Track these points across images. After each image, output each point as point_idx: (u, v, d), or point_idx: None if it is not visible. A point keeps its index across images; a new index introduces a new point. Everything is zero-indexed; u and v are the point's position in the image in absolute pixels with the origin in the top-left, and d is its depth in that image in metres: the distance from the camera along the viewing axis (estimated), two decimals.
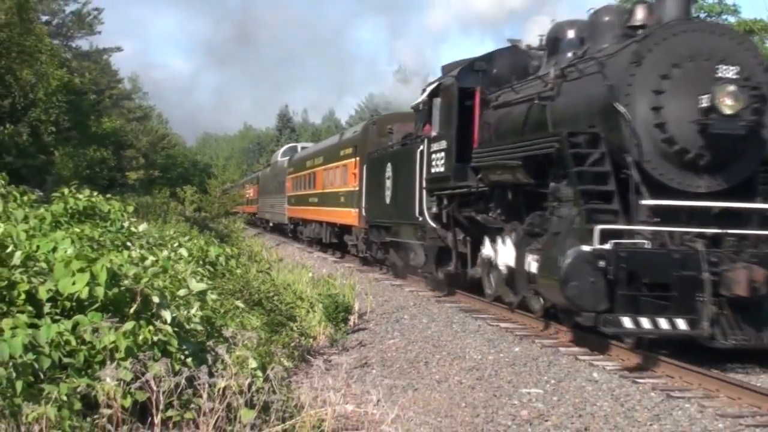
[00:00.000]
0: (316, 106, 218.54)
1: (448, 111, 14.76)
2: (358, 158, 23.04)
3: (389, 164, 18.69)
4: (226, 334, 6.63)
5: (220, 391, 5.30)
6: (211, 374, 5.43)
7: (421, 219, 15.94)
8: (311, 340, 11.79)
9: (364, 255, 23.05)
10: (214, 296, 7.37)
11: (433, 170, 15.36)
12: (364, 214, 21.20)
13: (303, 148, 41.21)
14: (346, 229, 25.24)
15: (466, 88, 14.49)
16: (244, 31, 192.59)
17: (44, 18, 43.05)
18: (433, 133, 15.53)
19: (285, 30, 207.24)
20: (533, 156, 11.01)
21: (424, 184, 15.84)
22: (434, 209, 15.53)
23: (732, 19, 31.72)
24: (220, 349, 5.82)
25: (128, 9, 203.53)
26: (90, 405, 5.03)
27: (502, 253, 12.56)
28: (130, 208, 10.09)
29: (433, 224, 15.54)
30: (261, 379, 5.78)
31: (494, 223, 13.04)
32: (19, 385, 4.63)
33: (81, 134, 37.28)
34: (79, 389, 4.92)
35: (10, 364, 4.65)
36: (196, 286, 6.43)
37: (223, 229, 31.38)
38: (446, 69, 16.30)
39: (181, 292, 6.35)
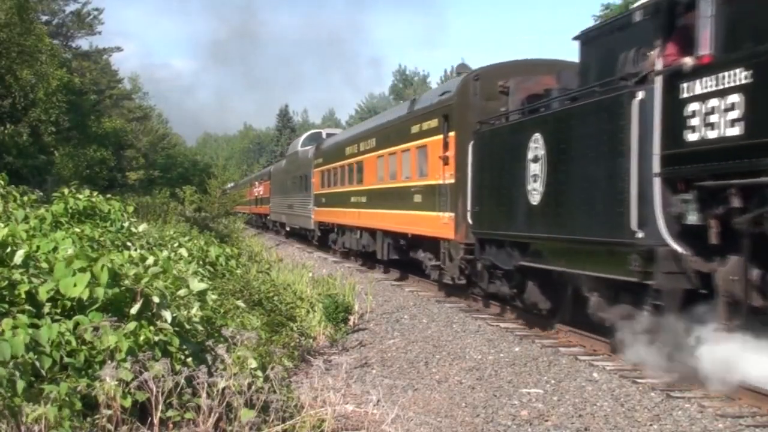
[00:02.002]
0: (316, 106, 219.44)
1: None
2: (453, 133, 14.96)
3: (537, 138, 11.02)
4: (226, 334, 6.64)
5: (220, 391, 5.31)
6: (210, 374, 5.44)
7: (641, 235, 8.56)
8: (311, 340, 11.79)
9: (458, 281, 15.14)
10: (214, 296, 7.38)
11: (693, 137, 8.03)
12: (469, 220, 13.77)
13: (329, 135, 33.38)
14: (420, 241, 17.32)
15: None
16: (245, 32, 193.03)
17: (44, 18, 43.11)
18: (690, 61, 8.12)
19: (286, 30, 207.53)
20: None
21: (657, 169, 8.52)
22: (692, 216, 8.27)
23: None
24: (219, 349, 5.83)
25: (130, 9, 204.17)
26: (90, 405, 5.03)
27: None
28: (130, 208, 10.11)
29: (676, 246, 8.30)
30: (261, 379, 5.78)
31: None
32: (19, 384, 4.64)
33: (81, 134, 37.30)
34: (79, 389, 4.93)
35: (11, 363, 4.66)
36: (197, 285, 6.44)
37: (223, 229, 31.24)
38: None
39: (182, 292, 6.36)
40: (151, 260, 6.39)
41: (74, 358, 5.19)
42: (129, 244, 8.00)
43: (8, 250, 5.93)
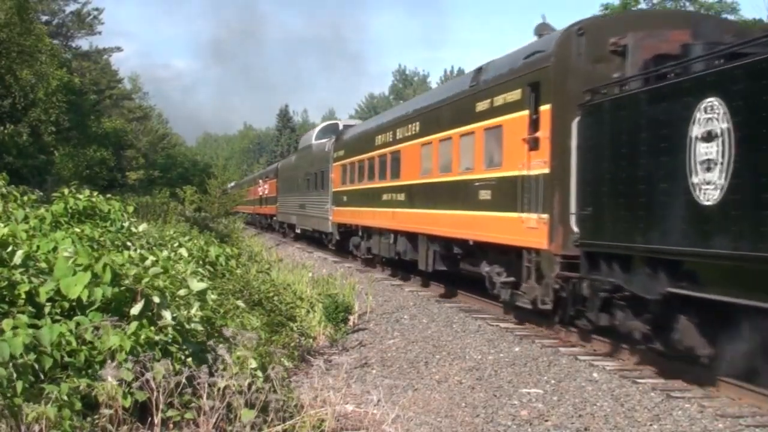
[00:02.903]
0: (316, 106, 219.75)
1: None
2: (546, 107, 11.26)
3: (712, 105, 7.73)
4: (227, 334, 6.65)
5: (221, 391, 5.31)
6: (211, 374, 5.44)
7: None
8: (311, 340, 11.80)
9: (541, 306, 11.42)
10: (214, 296, 7.38)
11: None
12: (573, 226, 10.48)
13: (346, 126, 29.61)
14: (483, 251, 13.81)
15: None
16: (246, 31, 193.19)
17: (44, 18, 43.15)
18: None
19: (286, 30, 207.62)
20: None
21: None
22: None
23: (731, 17, 31.68)
24: (220, 349, 5.83)
25: (131, 9, 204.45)
26: (90, 405, 5.04)
27: None
28: (130, 208, 10.10)
29: None
30: (261, 379, 5.79)
31: None
32: (19, 385, 4.65)
33: (81, 134, 37.32)
34: (79, 389, 4.94)
35: (11, 364, 4.67)
36: (197, 285, 6.44)
37: (223, 229, 31.20)
38: None
39: (182, 292, 6.36)
40: (151, 260, 6.40)
41: (74, 358, 5.20)
42: (129, 244, 8.00)
43: (8, 250, 5.93)
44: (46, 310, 5.53)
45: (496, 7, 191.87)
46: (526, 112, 11.82)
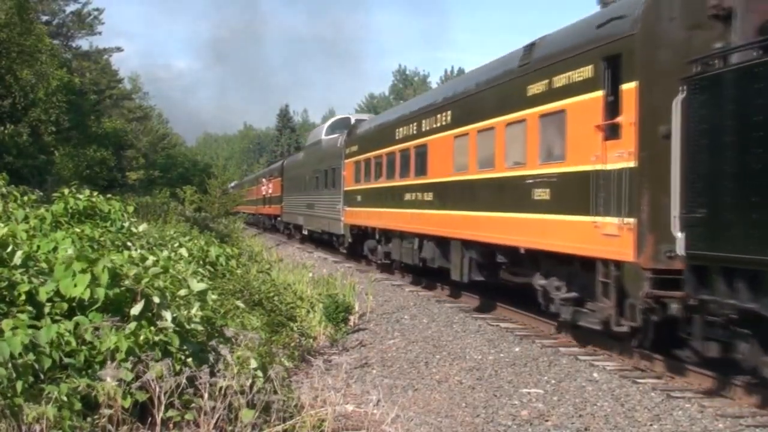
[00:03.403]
0: (316, 106, 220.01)
1: None
2: (631, 86, 9.18)
3: None
4: (227, 335, 6.65)
5: (221, 391, 5.31)
6: (212, 374, 5.44)
7: None
8: (311, 340, 11.80)
9: (616, 328, 9.48)
10: (214, 296, 7.38)
11: None
12: (675, 232, 8.32)
13: (359, 120, 27.61)
14: (533, 260, 11.81)
15: None
16: (246, 32, 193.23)
17: (44, 18, 43.15)
18: None
19: (286, 30, 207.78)
20: None
21: None
22: None
23: None
24: (222, 349, 5.84)
25: (131, 9, 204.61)
26: (90, 405, 5.04)
27: None
28: (130, 208, 10.09)
29: None
30: (262, 380, 5.79)
31: None
32: (19, 385, 4.65)
33: (81, 134, 37.32)
34: (79, 389, 4.94)
35: (10, 364, 4.67)
36: (197, 286, 6.44)
37: (223, 229, 31.17)
38: None
39: (182, 292, 6.36)
40: (151, 260, 6.40)
41: (74, 359, 5.20)
42: (129, 244, 8.00)
43: (8, 250, 5.93)
44: (46, 310, 5.53)
45: (497, 6, 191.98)
46: (599, 93, 9.80)
